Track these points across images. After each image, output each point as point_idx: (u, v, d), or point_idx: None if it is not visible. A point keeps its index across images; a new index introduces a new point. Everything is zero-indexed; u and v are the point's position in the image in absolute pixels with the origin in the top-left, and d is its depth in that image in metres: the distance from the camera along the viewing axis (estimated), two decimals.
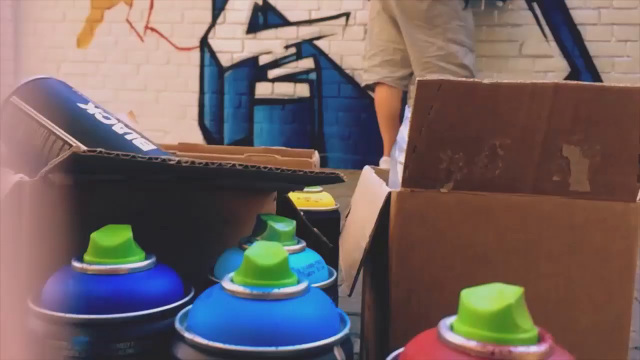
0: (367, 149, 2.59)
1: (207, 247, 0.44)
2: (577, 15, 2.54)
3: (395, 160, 0.54)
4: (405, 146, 0.56)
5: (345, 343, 0.28)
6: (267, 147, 0.75)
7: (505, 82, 0.41)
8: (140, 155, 0.33)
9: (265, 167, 0.37)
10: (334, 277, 0.39)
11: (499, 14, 2.53)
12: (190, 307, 0.30)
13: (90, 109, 0.55)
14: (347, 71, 2.76)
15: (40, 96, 0.55)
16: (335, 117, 2.78)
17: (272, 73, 2.84)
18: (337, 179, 0.42)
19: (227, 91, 2.90)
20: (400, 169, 0.56)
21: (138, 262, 0.32)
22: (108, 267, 0.31)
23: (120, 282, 0.31)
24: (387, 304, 0.45)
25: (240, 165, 0.36)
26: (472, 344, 0.22)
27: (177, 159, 0.34)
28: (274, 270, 0.28)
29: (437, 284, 0.44)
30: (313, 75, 2.81)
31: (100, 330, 0.29)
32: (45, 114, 0.53)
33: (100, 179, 0.38)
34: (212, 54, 2.90)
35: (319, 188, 0.67)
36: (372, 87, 2.19)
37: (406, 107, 0.58)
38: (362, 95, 2.71)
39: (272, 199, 0.48)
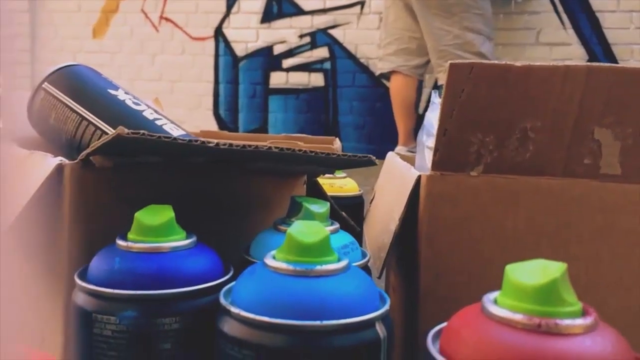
0: (382, 138, 2.59)
1: (238, 230, 0.44)
2: (595, 2, 2.50)
3: (422, 144, 0.54)
4: (433, 130, 0.56)
5: (385, 319, 0.29)
6: (288, 134, 0.76)
7: (538, 65, 0.41)
8: (180, 138, 0.33)
9: (300, 150, 0.37)
10: (367, 258, 0.39)
11: (516, 2, 2.51)
12: (233, 283, 0.31)
13: (121, 95, 0.56)
14: (362, 60, 2.75)
15: (72, 83, 0.56)
16: (349, 107, 2.77)
17: (287, 62, 2.84)
18: (369, 162, 0.42)
19: (241, 81, 2.90)
20: (427, 153, 0.56)
21: (180, 240, 0.33)
22: (151, 245, 0.32)
23: (163, 260, 0.32)
24: (415, 286, 0.45)
25: (275, 147, 0.36)
26: (518, 316, 0.22)
27: (215, 141, 0.34)
28: (316, 248, 0.29)
29: (465, 267, 0.44)
30: (327, 65, 2.80)
31: (147, 306, 0.30)
32: (77, 100, 0.54)
33: (138, 161, 0.39)
34: (227, 43, 2.91)
35: (343, 174, 0.67)
36: (387, 75, 2.18)
37: (432, 92, 0.58)
38: (377, 85, 2.70)
39: (302, 183, 0.48)
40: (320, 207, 0.38)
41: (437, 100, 0.58)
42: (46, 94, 0.56)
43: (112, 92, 0.56)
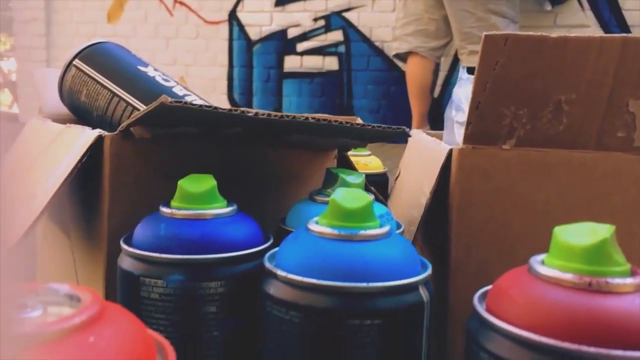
0: (396, 122, 2.57)
1: (271, 202, 0.45)
2: None
3: (451, 120, 0.54)
4: (462, 105, 0.56)
5: (427, 284, 0.29)
6: (309, 114, 0.76)
7: (573, 36, 0.41)
8: (220, 108, 0.34)
9: (335, 121, 0.37)
10: (402, 229, 0.40)
11: None
12: (276, 249, 0.31)
13: (150, 71, 0.57)
14: (377, 43, 2.73)
15: (103, 60, 0.56)
16: (364, 90, 2.76)
17: (301, 46, 2.83)
18: (403, 134, 0.42)
19: (255, 65, 2.90)
20: (456, 127, 0.56)
21: (221, 208, 0.34)
22: (194, 212, 0.33)
23: (207, 226, 0.32)
24: (445, 260, 0.46)
25: (312, 118, 0.37)
26: (568, 276, 0.23)
27: (254, 111, 0.35)
28: (359, 213, 0.29)
29: (496, 240, 0.45)
30: (342, 48, 2.79)
31: (193, 270, 0.31)
32: (108, 77, 0.55)
33: (176, 133, 0.39)
34: (241, 27, 2.90)
35: (367, 152, 0.68)
36: (402, 56, 2.15)
37: (460, 67, 0.58)
38: (392, 68, 2.68)
39: (332, 157, 0.49)
40: (356, 178, 0.38)
41: (464, 76, 0.58)
42: (77, 70, 0.56)
43: (142, 68, 0.57)
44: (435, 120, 2.24)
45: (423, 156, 0.54)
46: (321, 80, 2.82)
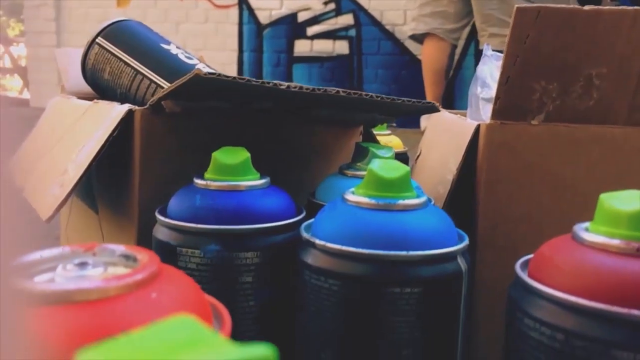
0: None
1: (298, 177, 0.45)
2: None
3: (476, 96, 0.54)
4: (487, 81, 0.56)
5: (465, 254, 0.29)
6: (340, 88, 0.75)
7: (606, 8, 0.41)
8: (254, 80, 0.34)
9: (366, 94, 0.37)
10: (432, 203, 0.40)
11: None
12: (311, 220, 0.31)
13: (173, 49, 0.57)
14: (388, 27, 2.71)
15: (126, 37, 0.56)
16: (374, 75, 2.75)
17: (311, 30, 2.81)
18: (433, 108, 0.42)
19: (265, 49, 2.89)
20: (481, 104, 0.56)
21: (255, 180, 0.34)
22: (229, 183, 0.33)
23: (241, 198, 0.32)
24: (472, 236, 0.46)
25: (343, 91, 0.36)
26: (615, 242, 0.23)
27: (286, 84, 0.35)
28: (397, 183, 0.29)
29: (524, 217, 0.44)
30: (352, 32, 2.77)
31: (230, 240, 0.31)
32: (131, 55, 0.55)
33: (206, 107, 0.39)
34: (251, 11, 2.88)
35: (387, 131, 0.67)
36: (418, 38, 2.12)
37: (485, 45, 0.57)
38: (403, 52, 2.66)
39: (358, 133, 0.49)
40: (387, 152, 0.38)
41: (489, 53, 0.57)
42: (100, 48, 0.56)
43: (165, 46, 0.56)
44: (446, 104, 2.23)
45: (448, 133, 0.53)
46: (331, 64, 2.80)
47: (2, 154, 0.14)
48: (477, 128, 0.44)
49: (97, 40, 0.56)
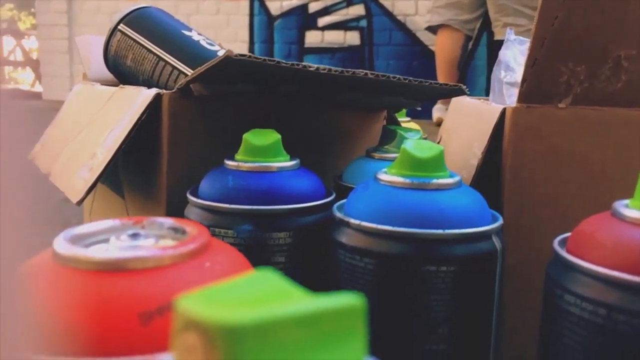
0: None
1: (321, 160, 0.45)
2: None
3: (500, 81, 0.53)
4: (511, 65, 0.55)
5: (499, 234, 0.29)
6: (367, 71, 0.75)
7: None
8: (283, 62, 0.34)
9: (394, 77, 0.37)
10: None
11: None
12: (343, 201, 0.31)
13: (195, 36, 0.57)
14: (399, 17, 2.69)
15: (148, 24, 0.56)
16: (386, 65, 2.73)
17: (322, 21, 2.80)
18: (460, 91, 0.42)
19: (276, 40, 2.88)
20: (505, 88, 0.55)
21: (286, 161, 0.34)
22: (260, 164, 0.33)
23: (273, 178, 0.33)
24: None
25: (372, 73, 0.36)
26: None
27: (315, 66, 0.35)
28: (431, 163, 0.29)
29: (550, 200, 0.44)
30: (363, 23, 2.75)
31: (263, 220, 0.31)
32: (153, 41, 0.55)
33: (233, 91, 0.40)
34: (262, 2, 2.88)
35: (407, 118, 0.67)
36: (434, 29, 2.11)
37: (508, 29, 0.57)
38: (414, 43, 2.65)
39: (381, 118, 0.49)
40: (415, 134, 0.38)
41: (512, 37, 0.57)
42: (122, 35, 0.56)
43: (186, 33, 0.57)
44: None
45: (472, 118, 0.53)
46: (342, 55, 2.79)
47: (8, 144, 0.14)
48: (503, 112, 0.44)
49: (119, 27, 0.56)
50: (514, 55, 0.55)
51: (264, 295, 0.09)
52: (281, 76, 0.37)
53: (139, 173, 0.44)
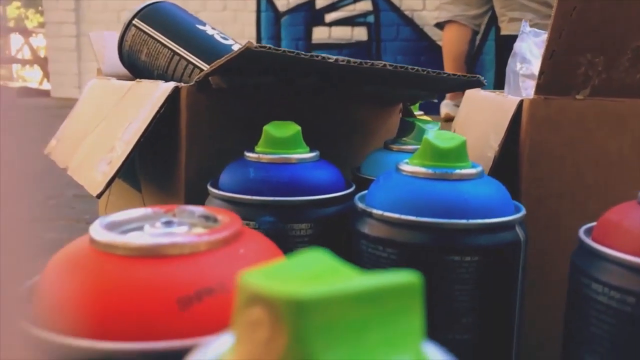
0: None
1: (338, 153, 0.45)
2: None
3: (515, 73, 0.53)
4: (527, 56, 0.55)
5: (522, 225, 0.29)
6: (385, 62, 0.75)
7: None
8: (302, 53, 0.34)
9: (412, 68, 0.37)
10: None
11: None
12: (364, 192, 0.31)
13: (209, 30, 0.57)
14: (407, 13, 2.68)
15: (162, 19, 0.56)
16: (393, 61, 2.69)
17: (329, 17, 2.79)
18: (478, 82, 0.42)
19: (283, 37, 2.88)
20: (521, 80, 0.55)
21: (305, 153, 0.34)
22: (280, 156, 0.33)
23: (294, 170, 0.33)
24: None
25: (390, 65, 0.36)
26: None
27: (334, 57, 0.35)
28: (453, 153, 0.29)
29: (567, 192, 0.44)
30: (371, 18, 2.74)
31: (284, 212, 0.31)
32: (168, 36, 0.55)
33: (251, 83, 0.40)
34: None
35: (420, 112, 0.67)
36: (442, 25, 2.11)
37: (523, 21, 0.57)
38: (422, 38, 2.64)
39: (397, 111, 0.49)
40: (433, 126, 0.38)
41: (527, 29, 0.57)
42: (137, 30, 0.57)
43: (201, 27, 0.57)
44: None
45: (487, 111, 0.53)
46: (350, 51, 2.79)
47: (15, 141, 0.14)
48: (520, 104, 0.44)
49: (133, 22, 0.57)
50: (529, 47, 0.54)
51: (321, 272, 0.09)
52: (299, 68, 0.37)
53: (156, 166, 0.44)
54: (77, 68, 3.23)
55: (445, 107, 2.19)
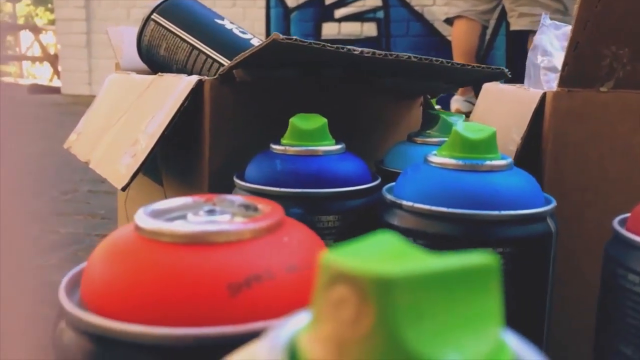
0: None
1: (359, 145, 0.45)
2: None
3: (536, 66, 0.53)
4: (548, 49, 0.55)
5: (553, 217, 0.29)
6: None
7: None
8: (328, 45, 0.34)
9: (436, 60, 0.37)
10: None
11: None
12: (392, 184, 0.31)
13: (227, 24, 0.57)
14: (417, 8, 2.67)
15: (181, 13, 0.56)
16: None
17: (339, 12, 2.79)
18: (502, 74, 0.42)
19: (293, 33, 2.88)
20: (542, 73, 0.55)
21: (331, 145, 0.34)
22: (306, 148, 0.33)
23: (320, 162, 0.33)
24: None
25: (415, 57, 0.36)
26: None
27: (359, 49, 0.35)
28: (483, 144, 0.29)
29: (591, 186, 0.44)
30: (380, 14, 2.74)
31: (312, 203, 0.31)
32: (187, 30, 0.55)
33: (275, 76, 0.40)
34: None
35: (438, 106, 0.67)
36: (452, 21, 2.10)
37: (543, 14, 0.56)
38: (432, 33, 2.63)
39: (418, 103, 0.48)
40: (458, 118, 0.38)
41: (547, 22, 0.56)
42: (156, 25, 0.57)
43: (219, 21, 0.57)
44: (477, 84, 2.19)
45: (508, 104, 0.53)
46: (359, 47, 2.77)
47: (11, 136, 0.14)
48: (543, 96, 0.44)
49: (152, 16, 0.57)
50: (550, 40, 0.54)
51: (395, 253, 0.09)
52: (324, 60, 0.37)
53: (178, 160, 0.44)
54: (88, 65, 3.25)
55: (456, 102, 2.18)
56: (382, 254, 0.09)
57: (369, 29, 2.76)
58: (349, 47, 0.34)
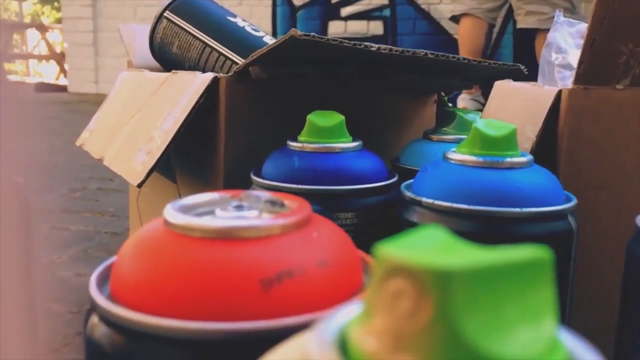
0: None
1: (374, 143, 0.45)
2: None
3: (550, 63, 0.52)
4: (562, 45, 0.54)
5: (574, 214, 0.29)
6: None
7: None
8: (345, 41, 0.34)
9: (453, 57, 0.37)
10: None
11: None
12: (410, 181, 0.31)
13: (240, 22, 0.57)
14: (423, 6, 2.66)
15: (193, 11, 0.57)
16: None
17: (345, 11, 2.78)
18: (518, 72, 0.41)
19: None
20: (556, 71, 0.55)
21: (349, 143, 0.34)
22: (324, 145, 0.33)
23: (338, 159, 0.33)
24: None
25: (432, 53, 0.36)
26: None
27: (376, 45, 0.35)
28: (503, 141, 0.29)
29: (606, 184, 0.44)
30: (387, 12, 2.73)
31: (330, 201, 0.31)
32: (199, 28, 0.55)
33: (290, 73, 0.40)
34: None
35: (449, 104, 0.66)
36: (458, 19, 2.10)
37: (557, 11, 0.56)
38: (439, 32, 2.62)
39: (432, 101, 0.48)
40: (474, 116, 0.37)
41: (561, 20, 0.56)
42: (168, 22, 0.57)
43: (232, 19, 0.57)
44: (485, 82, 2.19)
45: (522, 102, 0.52)
46: None
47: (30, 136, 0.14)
48: (559, 94, 0.43)
49: (165, 14, 0.57)
50: (564, 37, 0.54)
51: (446, 247, 0.09)
52: (340, 57, 0.37)
53: (193, 157, 0.44)
54: (94, 63, 3.25)
55: (462, 101, 2.17)
56: (435, 248, 0.09)
57: (375, 27, 2.75)
58: (365, 43, 0.34)
